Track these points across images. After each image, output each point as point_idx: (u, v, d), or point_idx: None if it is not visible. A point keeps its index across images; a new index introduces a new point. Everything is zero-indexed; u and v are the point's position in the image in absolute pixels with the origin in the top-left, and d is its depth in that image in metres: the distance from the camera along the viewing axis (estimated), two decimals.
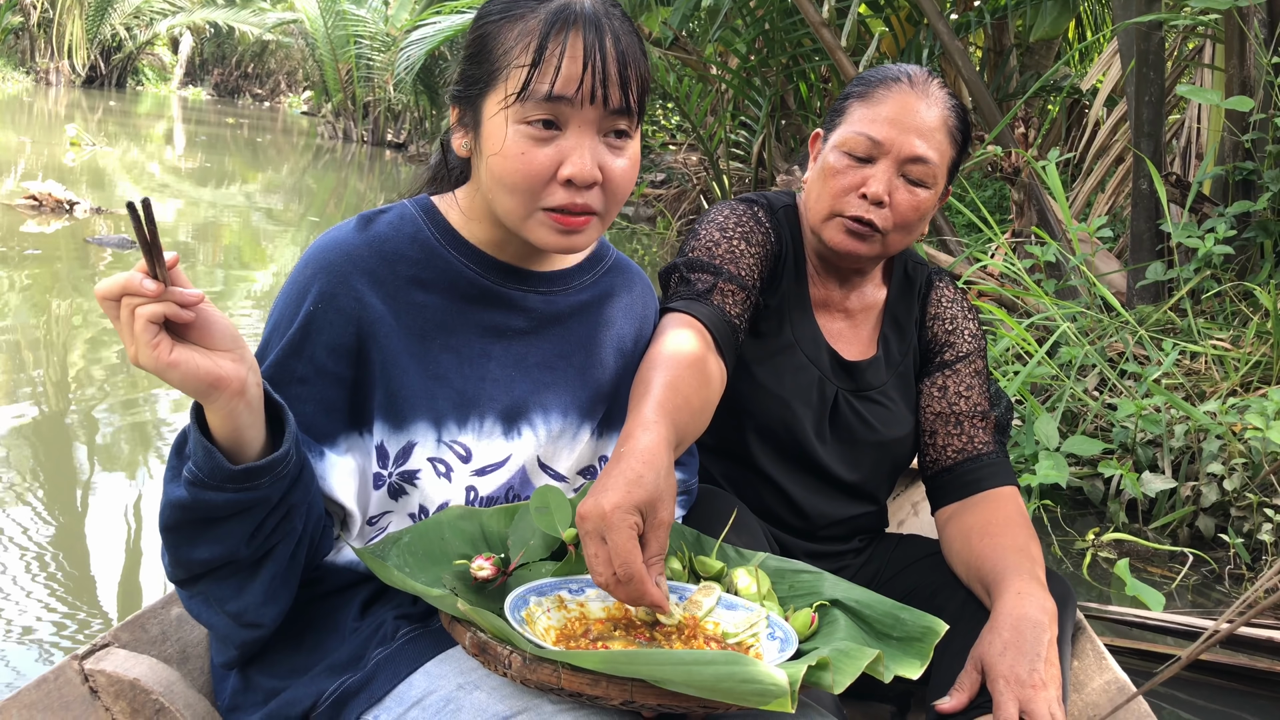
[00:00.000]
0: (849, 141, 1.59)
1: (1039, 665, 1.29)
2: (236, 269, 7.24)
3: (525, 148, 1.14)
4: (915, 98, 1.58)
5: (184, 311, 0.96)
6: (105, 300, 0.95)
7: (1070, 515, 3.31)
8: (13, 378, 3.96)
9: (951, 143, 1.61)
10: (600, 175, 1.16)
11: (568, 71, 1.13)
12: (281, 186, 13.02)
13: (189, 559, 1.09)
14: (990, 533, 1.53)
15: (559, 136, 1.15)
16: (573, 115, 1.14)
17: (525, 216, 1.18)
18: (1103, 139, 5.50)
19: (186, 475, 1.04)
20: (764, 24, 7.61)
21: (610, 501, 1.05)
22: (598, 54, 1.13)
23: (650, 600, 1.05)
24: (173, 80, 37.22)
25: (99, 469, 3.30)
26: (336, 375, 1.20)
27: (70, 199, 7.61)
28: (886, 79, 1.60)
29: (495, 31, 1.17)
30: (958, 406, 1.69)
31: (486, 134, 1.18)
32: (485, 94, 1.18)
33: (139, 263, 0.94)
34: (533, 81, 1.13)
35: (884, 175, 1.57)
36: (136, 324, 0.94)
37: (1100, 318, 3.94)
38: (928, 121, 1.57)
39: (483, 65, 1.18)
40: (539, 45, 1.13)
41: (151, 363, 0.96)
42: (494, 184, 1.18)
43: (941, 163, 1.59)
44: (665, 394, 1.24)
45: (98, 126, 17.30)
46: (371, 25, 20.13)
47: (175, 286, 0.95)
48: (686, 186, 11.09)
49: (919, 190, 1.58)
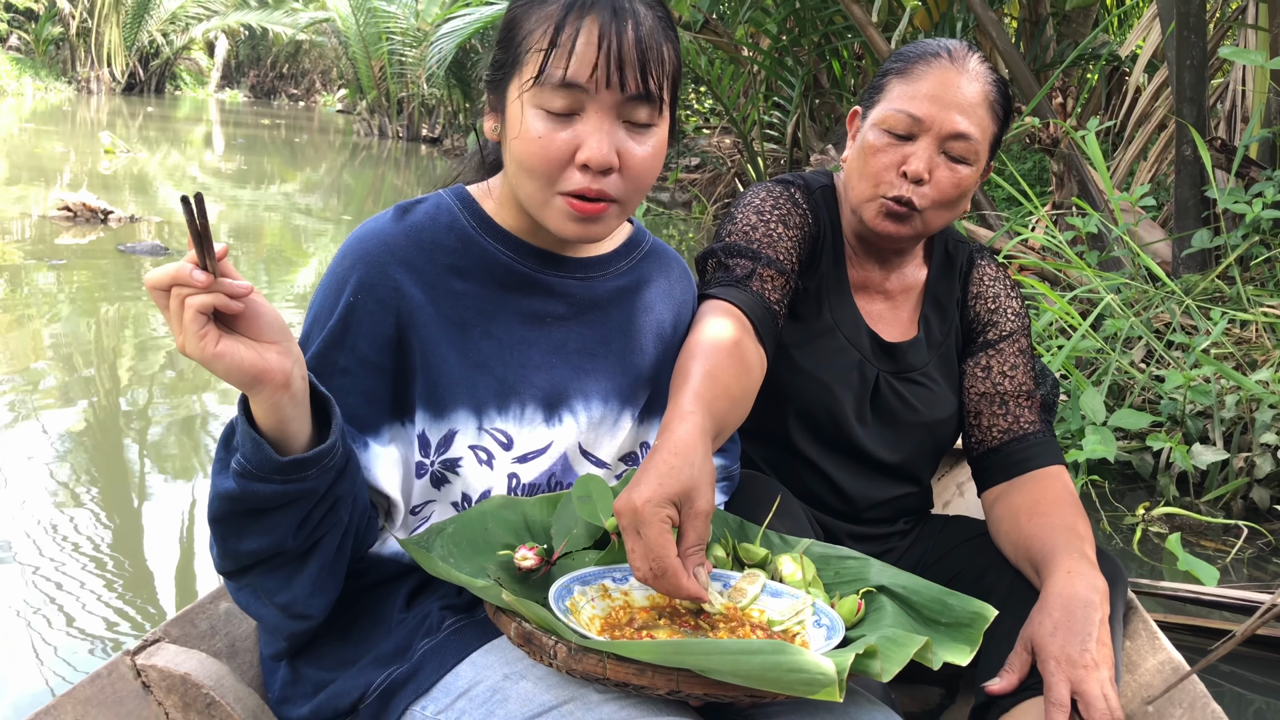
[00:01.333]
0: (889, 119, 1.56)
1: (1090, 645, 1.27)
2: (279, 267, 7.32)
3: (543, 131, 1.14)
4: (955, 73, 1.55)
5: (233, 302, 0.97)
6: (155, 290, 0.96)
7: (1119, 490, 3.27)
8: (63, 382, 4.03)
9: (993, 118, 1.58)
10: (617, 161, 1.15)
11: (583, 56, 1.12)
12: (320, 185, 13.15)
13: (237, 550, 1.10)
14: (1038, 512, 1.51)
15: (577, 121, 1.15)
16: (589, 100, 1.14)
17: (544, 202, 1.18)
18: (1144, 106, 5.39)
19: (235, 467, 1.05)
20: (794, 3, 7.54)
21: (642, 495, 1.04)
22: (613, 38, 1.12)
23: (687, 592, 1.05)
24: (210, 84, 37.66)
25: (150, 467, 3.35)
26: (378, 365, 1.20)
27: (104, 208, 7.61)
28: (926, 54, 1.57)
29: (521, 16, 1.18)
30: (1002, 386, 1.66)
31: (509, 118, 1.18)
32: (509, 78, 1.19)
33: (189, 254, 0.95)
34: (548, 66, 1.13)
35: (925, 152, 1.54)
36: (186, 314, 0.95)
37: (1145, 288, 3.87)
38: (969, 97, 1.54)
39: (508, 50, 1.19)
40: (555, 29, 1.13)
41: (198, 353, 0.97)
42: (515, 168, 1.19)
43: (983, 139, 1.56)
44: (703, 383, 1.23)
45: (138, 132, 17.56)
46: (402, 21, 20.21)
47: (224, 278, 0.96)
48: (721, 170, 11.05)
49: (960, 167, 1.56)
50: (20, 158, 11.79)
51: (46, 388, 3.95)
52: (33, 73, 25.05)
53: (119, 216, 7.63)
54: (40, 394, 3.87)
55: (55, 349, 4.46)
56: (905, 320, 1.72)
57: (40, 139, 14.20)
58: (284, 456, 1.04)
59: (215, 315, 0.98)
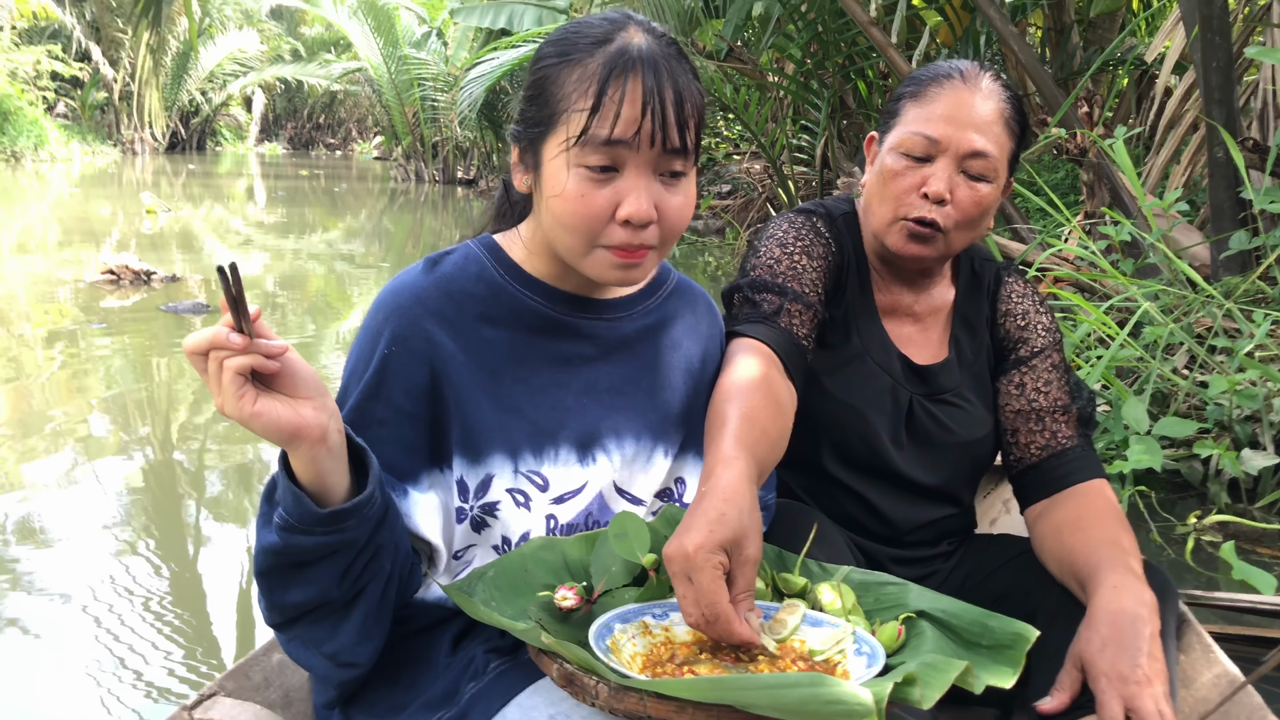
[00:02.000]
0: (905, 142, 1.58)
1: (1141, 660, 1.26)
2: (324, 315, 7.44)
3: (584, 190, 1.17)
4: (969, 92, 1.56)
5: (269, 362, 1.01)
6: (194, 354, 1.00)
7: (1169, 500, 3.22)
8: (119, 439, 4.13)
9: (1009, 134, 1.59)
10: (656, 214, 1.18)
11: (627, 116, 1.14)
12: (360, 231, 13.35)
13: (283, 602, 1.14)
14: (1081, 527, 1.50)
15: (616, 178, 1.17)
16: (630, 157, 1.16)
17: (584, 254, 1.21)
18: (1173, 109, 5.34)
19: (277, 520, 1.08)
20: (816, 26, 7.59)
21: (694, 542, 1.06)
22: (656, 98, 1.15)
23: (740, 638, 1.07)
24: (249, 138, 38.45)
25: (205, 517, 3.42)
26: (414, 415, 1.23)
27: (147, 269, 7.70)
28: (938, 76, 1.59)
29: (555, 74, 1.20)
30: (1037, 403, 1.66)
31: (547, 175, 1.20)
32: (545, 136, 1.20)
33: (224, 318, 0.99)
34: (592, 126, 1.15)
35: (944, 173, 1.55)
36: (224, 376, 0.99)
37: (1184, 293, 3.82)
38: (984, 115, 1.56)
39: (543, 108, 1.21)
40: (599, 90, 1.15)
41: (236, 412, 1.00)
42: (554, 223, 1.21)
43: (1001, 155, 1.58)
44: (742, 427, 1.25)
45: (181, 190, 17.94)
46: (433, 67, 20.55)
47: (260, 339, 1.00)
48: (753, 195, 11.08)
49: (981, 185, 1.57)
50: (67, 222, 12.05)
51: (98, 446, 4.05)
52: (80, 138, 25.75)
53: (161, 277, 7.75)
54: (92, 451, 3.97)
55: (107, 407, 4.57)
56: (935, 342, 1.72)
57: (86, 202, 14.52)
58: (324, 509, 1.08)
59: (252, 374, 1.02)
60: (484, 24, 15.26)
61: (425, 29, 21.18)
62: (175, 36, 26.20)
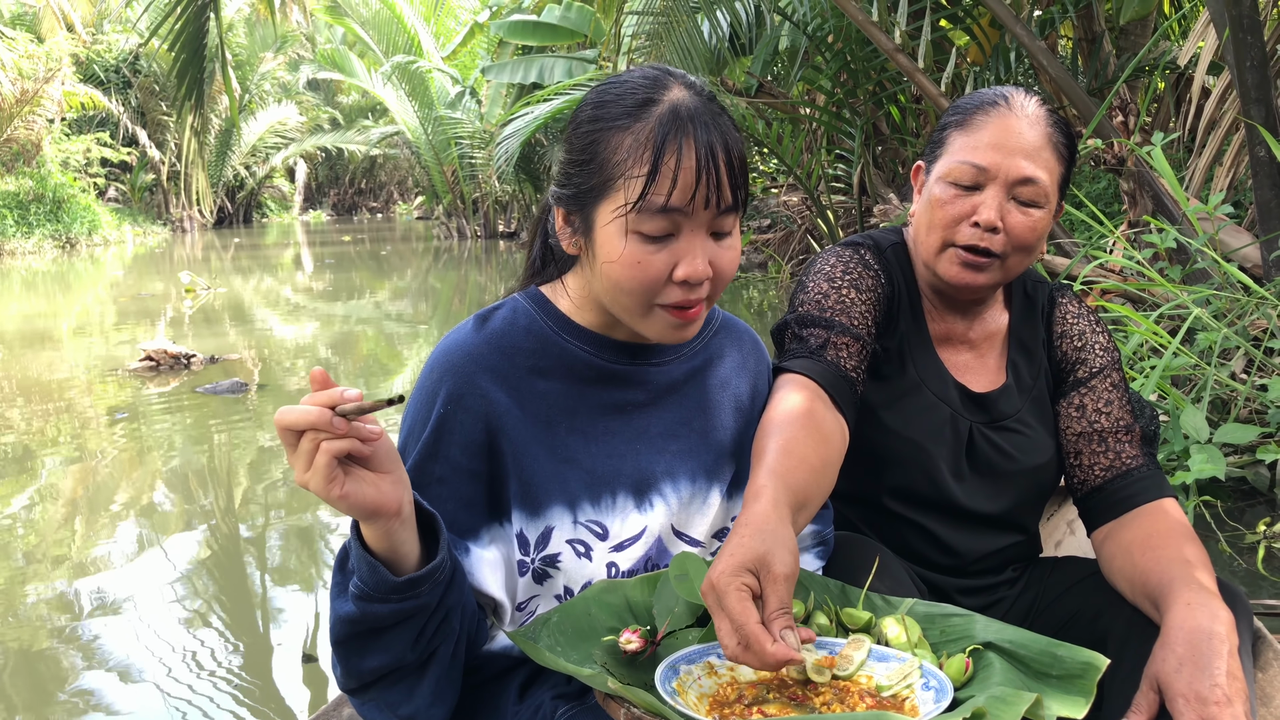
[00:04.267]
0: (954, 171, 1.57)
1: (1220, 680, 1.22)
2: (376, 374, 7.55)
3: (641, 256, 1.18)
4: (1015, 119, 1.55)
5: (364, 447, 1.03)
6: (287, 430, 1.00)
7: (1236, 509, 3.15)
8: (183, 519, 4.22)
9: (1058, 158, 1.57)
10: (711, 271, 1.21)
11: (684, 182, 1.15)
12: (408, 291, 13.55)
13: (360, 669, 1.16)
14: (1151, 545, 1.47)
15: (673, 241, 1.19)
16: (685, 221, 1.18)
17: (643, 315, 1.23)
18: (1211, 111, 5.29)
19: (353, 590, 1.10)
20: (844, 56, 7.63)
21: (716, 570, 1.06)
22: (710, 162, 1.16)
23: (774, 657, 1.03)
24: (293, 208, 39.29)
25: (271, 587, 3.48)
26: (472, 471, 1.25)
27: (185, 353, 7.56)
28: (984, 104, 1.58)
29: (604, 139, 1.19)
30: (1099, 424, 1.63)
31: (601, 241, 1.21)
32: (598, 202, 1.21)
33: (314, 396, 1.00)
34: (649, 193, 1.16)
35: (994, 201, 1.54)
36: (320, 458, 0.99)
37: (1236, 296, 3.77)
38: (1032, 141, 1.54)
39: (593, 174, 1.20)
40: (654, 156, 1.15)
41: (325, 494, 1.01)
42: (611, 287, 1.22)
43: (1051, 180, 1.56)
44: (777, 458, 1.25)
45: (231, 263, 18.32)
46: (468, 125, 20.90)
47: (358, 422, 1.02)
48: (792, 228, 11.10)
49: (1033, 211, 1.55)
50: (106, 308, 12.05)
51: (160, 524, 4.14)
52: (131, 220, 26.48)
53: (201, 359, 7.66)
54: (151, 529, 4.06)
55: (171, 481, 4.67)
56: (993, 368, 1.70)
57: (129, 284, 14.59)
58: (398, 577, 1.10)
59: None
60: (515, 80, 15.55)
61: (459, 89, 21.58)
62: (217, 115, 26.96)
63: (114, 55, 26.17)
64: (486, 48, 20.18)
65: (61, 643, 3.03)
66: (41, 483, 4.72)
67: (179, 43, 7.96)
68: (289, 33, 29.24)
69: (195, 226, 28.76)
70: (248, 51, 27.42)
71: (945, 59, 6.91)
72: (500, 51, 18.92)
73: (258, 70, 28.41)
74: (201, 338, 9.04)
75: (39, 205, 21.87)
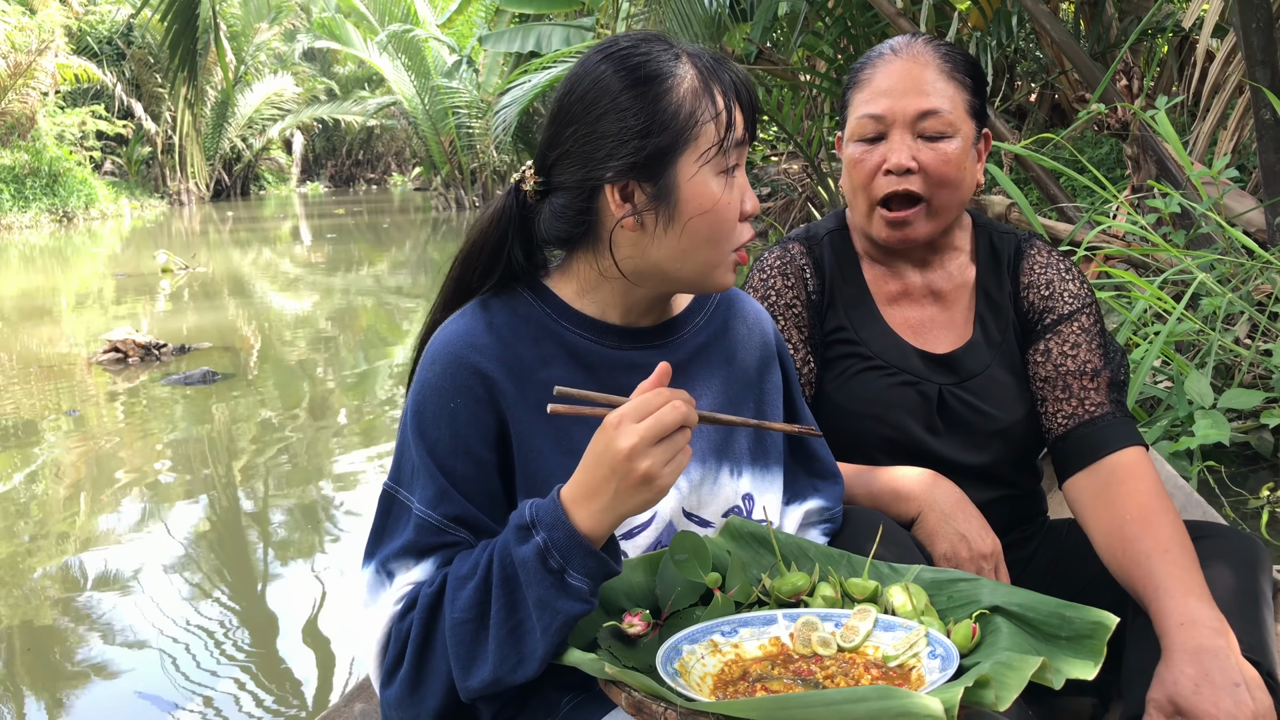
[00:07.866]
0: (857, 129, 1.59)
1: (1241, 694, 1.22)
2: (377, 348, 7.54)
3: (728, 197, 1.22)
4: (901, 61, 1.57)
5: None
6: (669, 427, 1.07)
7: (1240, 474, 3.15)
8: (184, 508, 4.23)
9: (957, 85, 1.58)
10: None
11: (740, 115, 1.21)
12: (407, 263, 13.52)
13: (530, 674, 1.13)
14: (1127, 535, 1.44)
15: (734, 178, 1.23)
16: (739, 153, 1.23)
17: (718, 264, 1.25)
18: (1215, 74, 5.24)
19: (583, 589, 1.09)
20: (845, 21, 7.55)
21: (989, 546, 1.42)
22: (749, 94, 1.23)
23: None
24: (291, 180, 39.15)
25: (272, 562, 3.49)
26: (491, 462, 1.22)
27: (153, 342, 7.03)
28: (871, 59, 1.62)
29: (663, 97, 1.19)
30: (1064, 366, 1.60)
31: (687, 196, 1.20)
32: (675, 159, 1.19)
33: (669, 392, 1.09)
34: (733, 125, 1.20)
35: (900, 143, 1.55)
36: (682, 455, 1.08)
37: (1241, 261, 3.74)
38: (922, 76, 1.56)
39: (660, 134, 1.18)
40: (719, 95, 1.20)
41: (674, 480, 1.08)
42: (699, 241, 1.22)
43: (954, 108, 1.56)
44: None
45: (229, 236, 18.27)
46: (465, 94, 20.78)
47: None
48: (793, 196, 11.05)
49: (942, 144, 1.56)
50: (76, 286, 11.51)
51: (160, 510, 4.14)
52: (128, 193, 26.41)
53: (171, 350, 7.13)
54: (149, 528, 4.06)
55: (175, 464, 4.67)
56: (959, 322, 1.68)
57: (107, 261, 14.31)
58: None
59: None
60: (513, 48, 15.39)
61: (455, 58, 21.40)
62: (213, 87, 26.74)
63: (107, 27, 26.01)
64: (483, 15, 19.98)
65: (66, 616, 3.04)
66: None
67: (171, 12, 7.86)
68: (284, 2, 28.96)
69: (193, 200, 28.65)
70: (242, 22, 27.16)
71: (947, 24, 6.84)
72: (497, 19, 18.72)
73: (253, 41, 28.16)
74: (173, 323, 8.54)
75: (35, 179, 21.79)
